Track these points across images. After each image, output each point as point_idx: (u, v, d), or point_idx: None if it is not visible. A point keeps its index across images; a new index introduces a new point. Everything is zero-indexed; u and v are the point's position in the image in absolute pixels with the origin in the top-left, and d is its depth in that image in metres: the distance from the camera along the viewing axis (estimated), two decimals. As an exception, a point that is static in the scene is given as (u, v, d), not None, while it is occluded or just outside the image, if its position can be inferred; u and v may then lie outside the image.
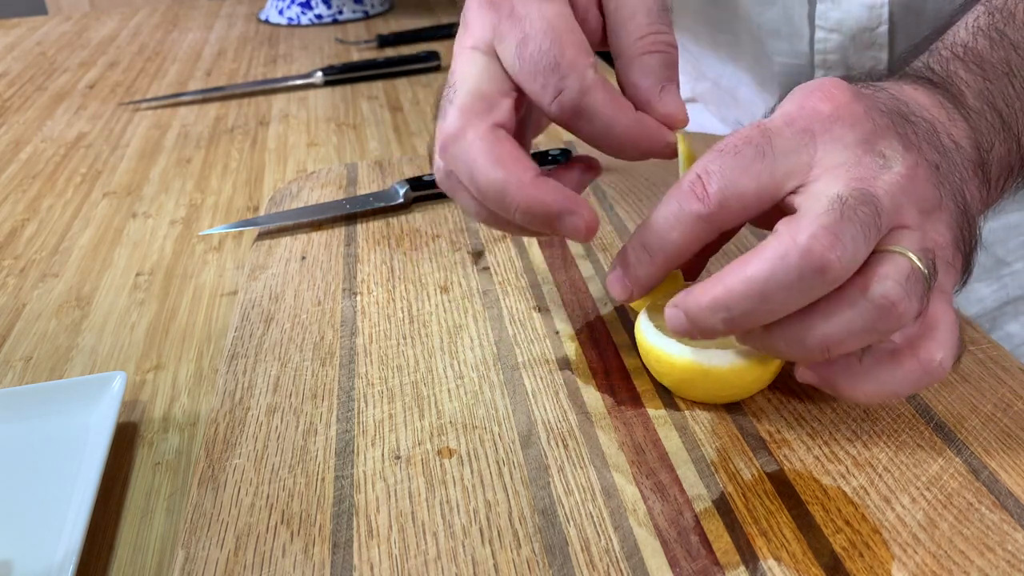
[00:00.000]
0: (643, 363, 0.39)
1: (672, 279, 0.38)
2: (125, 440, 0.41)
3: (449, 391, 0.38)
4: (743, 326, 0.31)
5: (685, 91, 0.78)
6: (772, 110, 0.36)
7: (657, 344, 0.36)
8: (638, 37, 0.36)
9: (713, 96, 0.73)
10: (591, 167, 0.39)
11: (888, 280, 0.29)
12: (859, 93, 0.33)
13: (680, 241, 0.32)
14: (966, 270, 0.34)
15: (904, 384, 0.31)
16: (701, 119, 0.76)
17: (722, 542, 0.30)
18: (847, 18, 0.56)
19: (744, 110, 0.69)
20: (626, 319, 0.43)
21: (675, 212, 0.32)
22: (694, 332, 0.32)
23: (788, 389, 0.37)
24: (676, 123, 0.35)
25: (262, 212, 0.60)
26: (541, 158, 0.58)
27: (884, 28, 0.56)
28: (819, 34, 0.58)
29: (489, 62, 0.35)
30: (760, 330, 0.32)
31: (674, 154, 0.36)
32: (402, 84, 0.89)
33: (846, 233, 0.28)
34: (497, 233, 0.52)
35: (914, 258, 0.30)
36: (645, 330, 0.37)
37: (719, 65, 0.70)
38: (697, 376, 0.35)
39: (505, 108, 0.34)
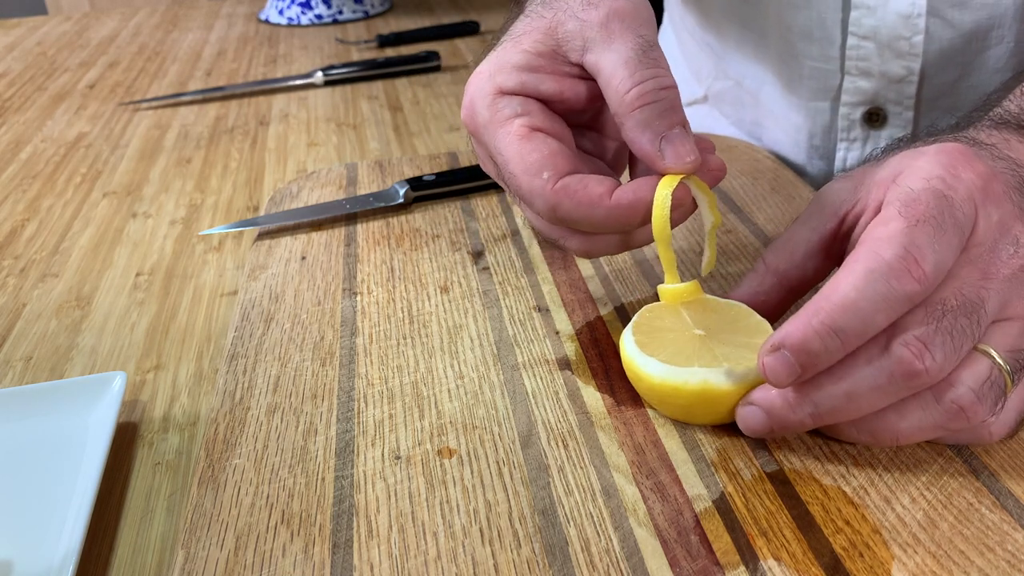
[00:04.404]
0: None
1: (693, 289, 0.37)
2: (125, 440, 0.41)
3: (449, 391, 0.38)
4: (826, 422, 0.31)
5: (696, 91, 0.76)
6: (878, 153, 0.36)
7: (636, 360, 0.35)
8: (622, 95, 0.35)
9: (732, 96, 0.72)
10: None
11: (962, 387, 0.30)
12: (994, 168, 0.32)
13: (884, 324, 0.29)
14: None
15: (942, 433, 0.32)
16: (708, 122, 0.75)
17: (722, 542, 0.30)
18: (881, 26, 0.55)
19: (764, 111, 0.68)
20: (626, 320, 0.43)
21: (885, 292, 0.29)
22: (776, 430, 0.32)
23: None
24: (682, 172, 0.35)
25: (262, 212, 0.60)
26: None
27: (920, 38, 0.54)
28: (851, 40, 0.57)
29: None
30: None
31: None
32: (402, 84, 0.89)
33: (936, 343, 0.29)
34: (497, 233, 0.52)
35: (999, 360, 0.30)
36: (627, 346, 0.36)
37: (743, 64, 0.68)
38: (669, 394, 0.34)
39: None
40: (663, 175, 0.35)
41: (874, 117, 0.59)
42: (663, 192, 0.34)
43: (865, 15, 0.56)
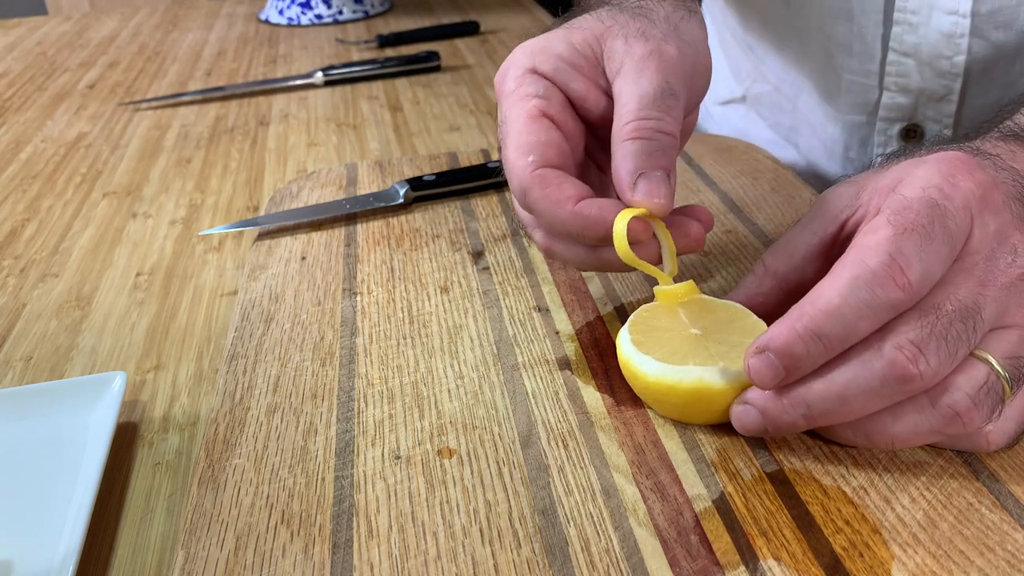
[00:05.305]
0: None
1: (689, 289, 0.37)
2: (125, 440, 0.41)
3: (449, 391, 0.38)
4: (820, 423, 0.31)
5: (735, 90, 0.76)
6: (877, 164, 0.36)
7: (632, 359, 0.35)
8: (624, 123, 0.36)
9: (771, 100, 0.72)
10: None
11: (958, 391, 0.30)
12: (995, 178, 0.32)
13: (867, 331, 0.29)
14: None
15: (938, 438, 0.31)
16: (744, 124, 0.75)
17: (722, 542, 0.30)
18: (923, 44, 0.54)
19: (801, 119, 0.68)
20: (626, 320, 0.43)
21: (868, 299, 0.29)
22: (770, 429, 0.32)
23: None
24: (646, 208, 0.35)
25: (262, 212, 0.60)
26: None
27: (961, 58, 0.54)
28: (891, 56, 0.56)
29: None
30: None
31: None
32: (402, 84, 0.89)
33: (931, 347, 0.29)
34: (497, 233, 0.52)
35: (997, 366, 0.30)
36: (623, 344, 0.36)
37: (782, 70, 0.68)
38: (664, 392, 0.34)
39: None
40: (628, 206, 0.36)
41: (911, 133, 0.59)
42: (620, 223, 0.35)
43: (907, 32, 0.55)
